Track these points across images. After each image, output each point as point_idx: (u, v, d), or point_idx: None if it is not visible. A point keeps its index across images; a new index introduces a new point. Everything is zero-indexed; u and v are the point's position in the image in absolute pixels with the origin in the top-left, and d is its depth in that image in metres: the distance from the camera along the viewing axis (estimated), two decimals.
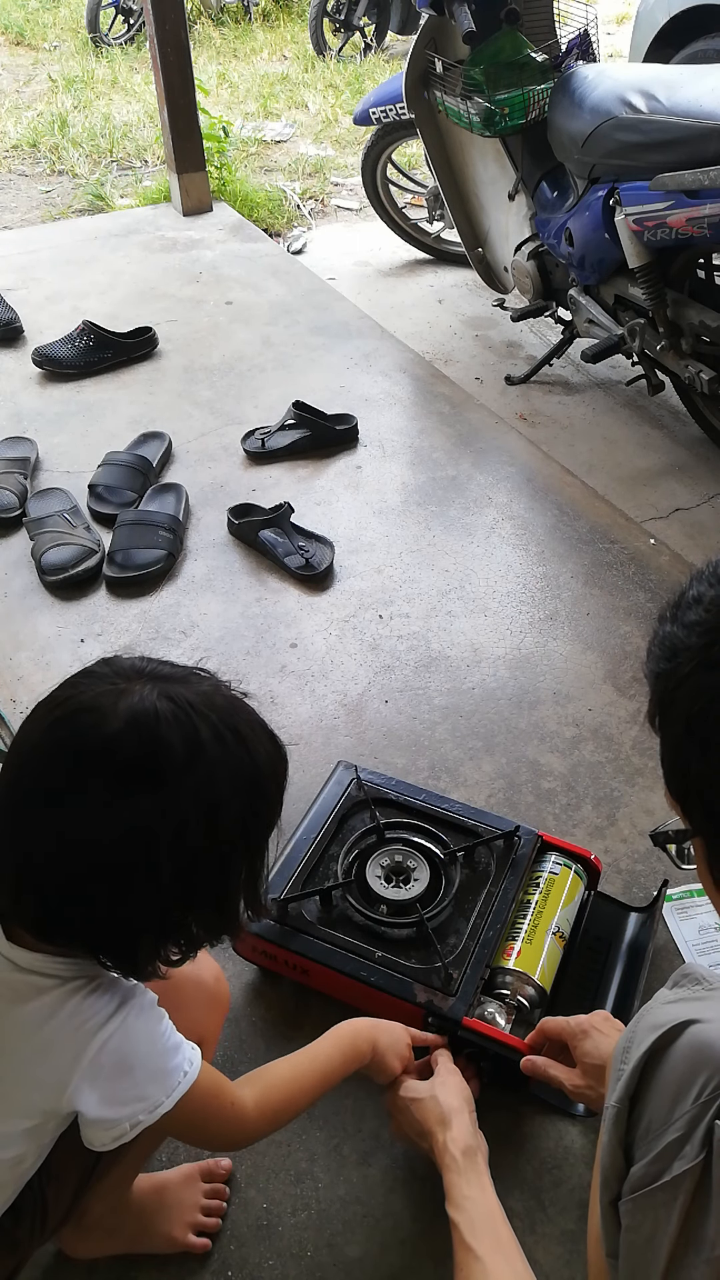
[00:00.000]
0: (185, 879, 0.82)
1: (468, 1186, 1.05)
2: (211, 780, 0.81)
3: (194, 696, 0.83)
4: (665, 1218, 0.69)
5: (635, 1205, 0.71)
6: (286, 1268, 1.15)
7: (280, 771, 0.91)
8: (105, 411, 2.70)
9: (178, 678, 0.85)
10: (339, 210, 4.31)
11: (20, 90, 5.79)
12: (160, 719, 0.79)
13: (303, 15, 6.68)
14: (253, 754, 0.85)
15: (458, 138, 2.79)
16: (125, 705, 0.79)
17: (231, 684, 0.91)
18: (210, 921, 0.89)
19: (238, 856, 0.87)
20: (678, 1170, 0.69)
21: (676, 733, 0.56)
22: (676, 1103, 0.72)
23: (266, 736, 0.90)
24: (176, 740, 0.79)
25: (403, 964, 1.29)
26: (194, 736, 0.80)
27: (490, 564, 2.18)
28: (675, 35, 3.08)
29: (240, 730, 0.85)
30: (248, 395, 2.76)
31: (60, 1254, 1.15)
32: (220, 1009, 1.14)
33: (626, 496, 2.46)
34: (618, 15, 6.35)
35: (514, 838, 1.43)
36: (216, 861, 0.84)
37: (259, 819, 0.88)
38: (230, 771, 0.83)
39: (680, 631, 0.55)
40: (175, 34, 3.40)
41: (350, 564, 2.18)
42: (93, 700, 0.80)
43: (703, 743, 0.54)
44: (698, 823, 0.59)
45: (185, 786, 0.80)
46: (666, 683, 0.56)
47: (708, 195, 2.01)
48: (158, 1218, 1.15)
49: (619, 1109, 0.75)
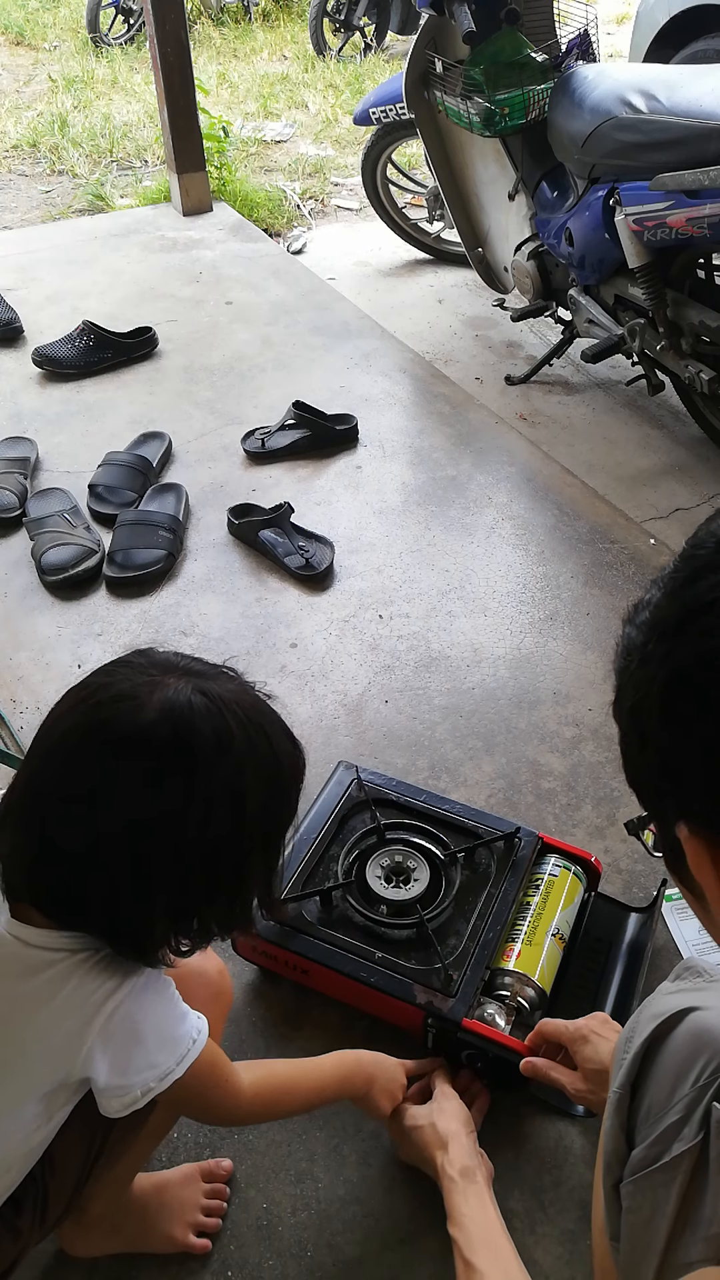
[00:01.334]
0: (207, 869, 0.84)
1: (466, 1205, 1.07)
2: (238, 773, 0.84)
3: (224, 692, 0.86)
4: (664, 1198, 0.70)
5: (635, 1187, 0.73)
6: (286, 1268, 1.15)
7: (299, 771, 0.94)
8: (105, 411, 2.70)
9: (209, 674, 0.88)
10: (339, 210, 4.31)
11: (20, 90, 5.79)
12: (194, 710, 0.82)
13: (303, 15, 6.68)
14: (276, 752, 0.88)
15: (458, 138, 2.79)
16: (160, 696, 0.82)
17: (256, 685, 0.94)
18: (224, 914, 0.91)
19: (257, 851, 0.89)
20: (676, 1151, 0.70)
21: (625, 724, 0.60)
22: (676, 1086, 0.73)
23: (287, 737, 0.92)
24: (208, 731, 0.82)
25: (403, 965, 1.29)
26: (224, 729, 0.83)
27: (490, 564, 2.18)
28: (675, 35, 3.08)
29: (265, 728, 0.88)
30: (248, 395, 2.76)
31: (60, 1253, 1.15)
32: (224, 1003, 1.15)
33: (626, 496, 2.46)
34: (618, 15, 6.35)
35: (514, 839, 1.43)
36: (237, 854, 0.86)
37: (279, 816, 0.91)
38: (255, 766, 0.85)
39: (632, 631, 0.58)
40: (175, 34, 3.40)
41: (350, 564, 2.18)
42: (130, 689, 0.83)
43: (640, 734, 0.57)
44: (648, 808, 0.62)
45: (214, 777, 0.82)
46: (620, 679, 0.60)
47: (708, 195, 2.01)
48: (158, 1217, 1.15)
49: (621, 1094, 0.77)
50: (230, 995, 1.17)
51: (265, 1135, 1.26)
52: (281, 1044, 1.35)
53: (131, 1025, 0.87)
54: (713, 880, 0.55)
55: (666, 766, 0.56)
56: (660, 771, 0.57)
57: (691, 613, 0.52)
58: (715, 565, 0.51)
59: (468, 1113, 1.18)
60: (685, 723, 0.53)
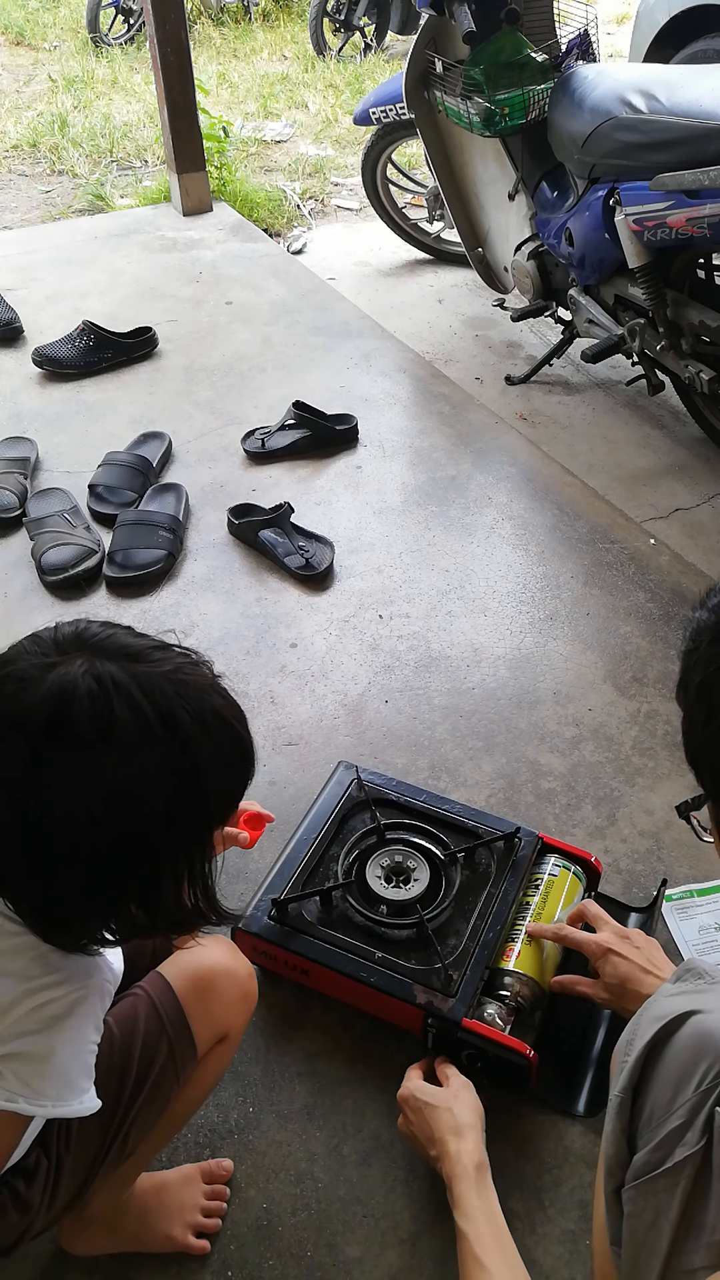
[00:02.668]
0: (105, 859, 0.79)
1: (479, 1199, 1.06)
2: (122, 765, 0.77)
3: (130, 677, 0.79)
4: (667, 1203, 0.70)
5: (638, 1192, 0.72)
6: (286, 1268, 1.15)
7: (234, 770, 0.87)
8: (105, 411, 2.70)
9: (131, 654, 0.81)
10: (339, 210, 4.31)
11: (20, 90, 5.79)
12: (75, 696, 0.77)
13: (303, 15, 6.68)
14: (186, 743, 0.80)
15: (458, 138, 2.79)
16: (52, 677, 0.78)
17: (214, 669, 0.87)
18: (146, 907, 0.85)
19: (163, 849, 0.83)
20: (679, 1156, 0.70)
21: (690, 702, 0.63)
22: (678, 1091, 0.73)
23: (224, 732, 0.84)
24: (85, 720, 0.76)
25: (403, 965, 1.29)
26: (107, 718, 0.77)
27: (490, 564, 2.18)
28: (675, 35, 3.09)
29: (176, 717, 0.80)
30: (248, 395, 2.76)
31: (60, 1253, 1.15)
32: (249, 1006, 1.14)
33: (626, 496, 2.46)
34: (618, 15, 6.35)
35: (514, 839, 1.43)
36: (138, 846, 0.81)
37: (190, 814, 0.83)
38: (150, 758, 0.79)
39: (703, 615, 0.62)
40: (175, 34, 3.40)
41: (350, 564, 2.18)
42: (24, 669, 0.79)
43: (709, 709, 0.60)
44: (707, 787, 0.64)
45: (88, 769, 0.77)
46: (688, 660, 0.63)
47: (708, 195, 2.01)
48: (157, 1217, 1.15)
49: (623, 1098, 0.76)
50: (255, 999, 1.16)
51: (265, 1135, 1.26)
52: (281, 1044, 1.35)
53: (50, 1029, 0.84)
54: None
55: None
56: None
57: None
58: None
59: (482, 1106, 1.18)
60: None
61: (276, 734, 1.80)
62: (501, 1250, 1.01)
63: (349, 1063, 1.33)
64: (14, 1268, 1.14)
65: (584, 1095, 1.28)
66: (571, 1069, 1.30)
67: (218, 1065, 1.13)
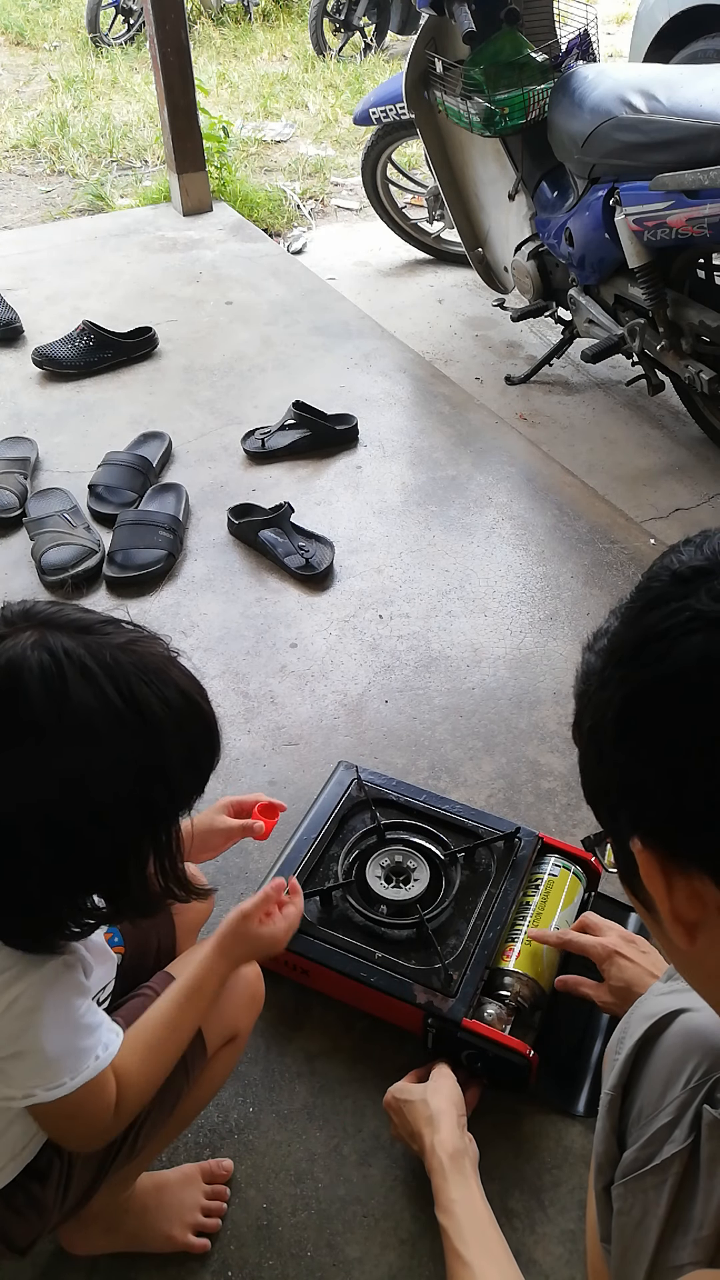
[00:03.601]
0: (53, 845, 0.76)
1: (455, 1190, 1.05)
2: (78, 742, 0.74)
3: (84, 650, 0.75)
4: (655, 1200, 0.70)
5: (626, 1189, 0.73)
6: (286, 1268, 1.15)
7: (197, 747, 0.83)
8: (105, 411, 2.70)
9: (81, 626, 0.78)
10: (339, 210, 4.31)
11: (20, 90, 5.79)
12: (25, 670, 0.73)
13: (303, 15, 6.68)
14: (146, 718, 0.77)
15: (458, 138, 2.79)
16: (1, 651, 0.75)
17: (168, 642, 0.84)
18: (113, 895, 0.83)
19: (125, 828, 0.79)
20: (667, 1154, 0.71)
21: (584, 744, 0.64)
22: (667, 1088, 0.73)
23: (184, 706, 0.80)
24: (38, 695, 0.73)
25: (403, 965, 1.29)
26: (61, 692, 0.73)
27: (490, 564, 2.18)
28: (675, 35, 3.08)
29: (135, 691, 0.76)
30: (248, 395, 2.76)
31: (60, 1252, 1.15)
32: (257, 1006, 1.14)
33: (626, 496, 2.46)
34: (618, 15, 6.35)
35: (514, 839, 1.44)
36: (92, 831, 0.77)
37: (154, 791, 0.79)
38: (108, 735, 0.75)
39: (591, 658, 0.63)
40: (175, 34, 3.40)
41: (350, 564, 2.18)
42: None
43: (598, 753, 0.62)
44: (606, 825, 0.65)
45: (44, 746, 0.73)
46: (580, 702, 0.64)
47: (708, 195, 2.01)
48: (157, 1217, 1.15)
49: (613, 1096, 0.77)
50: (262, 1000, 1.15)
51: (265, 1135, 1.26)
52: (281, 1044, 1.35)
53: (28, 1023, 0.81)
54: (662, 891, 0.57)
55: (621, 783, 0.59)
56: (616, 788, 0.60)
57: (646, 640, 0.55)
58: (667, 597, 0.55)
59: (460, 1095, 1.18)
60: (639, 741, 0.56)
61: (276, 734, 1.80)
62: (482, 1241, 1.00)
63: (349, 1063, 1.33)
64: (14, 1267, 1.14)
65: (584, 1095, 1.28)
66: (571, 1069, 1.30)
67: (225, 1066, 1.13)
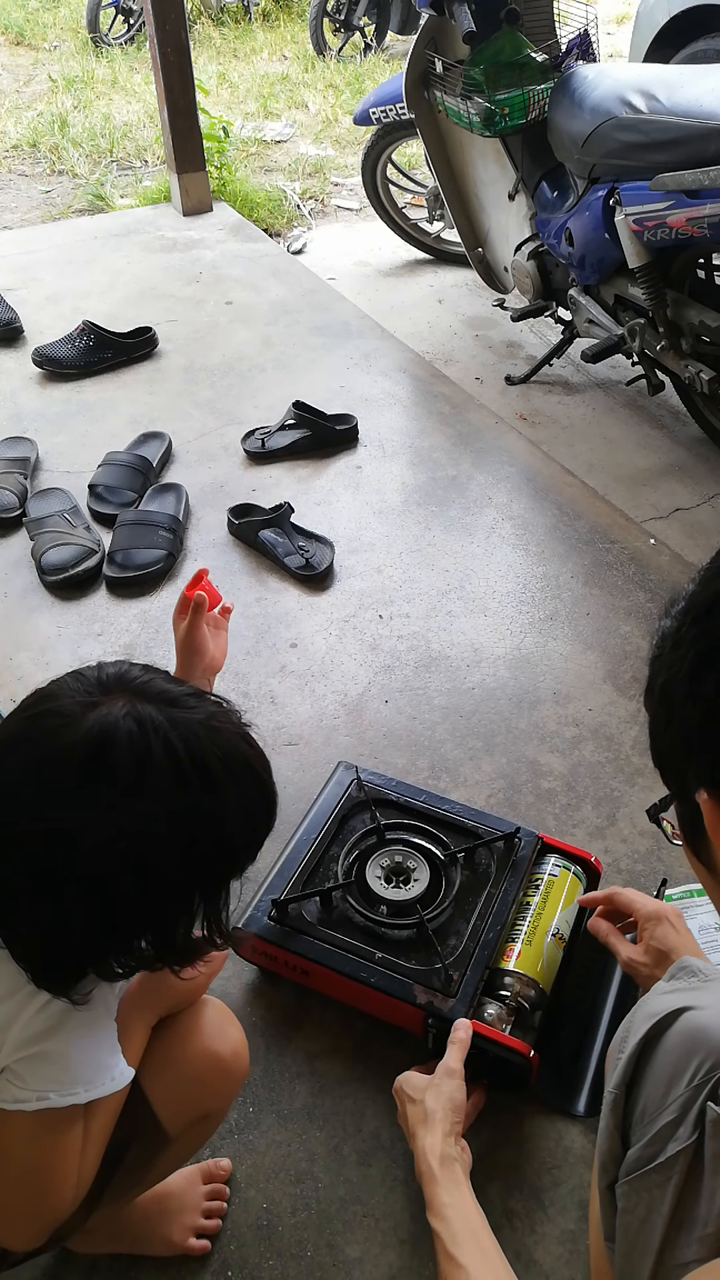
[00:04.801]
0: (109, 901, 0.79)
1: (447, 1195, 1.03)
2: (150, 811, 0.78)
3: (169, 722, 0.80)
4: (660, 1199, 0.70)
5: (631, 1188, 0.73)
6: (286, 1268, 1.15)
7: (257, 819, 0.88)
8: (105, 411, 2.70)
9: (167, 698, 0.83)
10: (339, 210, 4.31)
11: (20, 90, 5.79)
12: (116, 738, 0.78)
13: (303, 15, 6.68)
14: (217, 793, 0.82)
15: (458, 138, 2.79)
16: (94, 717, 0.79)
17: (244, 720, 0.89)
18: (163, 947, 0.86)
19: (184, 886, 0.83)
20: (671, 1151, 0.71)
21: (655, 706, 0.65)
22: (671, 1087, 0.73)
23: (251, 781, 0.87)
24: (124, 761, 0.78)
25: (403, 965, 1.29)
26: (144, 760, 0.78)
27: (490, 564, 2.18)
28: (675, 35, 3.08)
29: (210, 766, 0.81)
30: (248, 395, 2.76)
31: (60, 1253, 1.15)
32: (232, 1084, 1.08)
33: (626, 496, 2.46)
34: (618, 15, 6.36)
35: (514, 839, 1.44)
36: (153, 886, 0.81)
37: (212, 862, 0.84)
38: (178, 806, 0.80)
39: (667, 621, 0.65)
40: (175, 34, 3.40)
41: (350, 564, 2.18)
42: (66, 705, 0.80)
43: (669, 712, 0.63)
44: (672, 789, 0.66)
45: (120, 809, 0.78)
46: (653, 666, 0.65)
47: (708, 195, 2.01)
48: (158, 1221, 1.15)
49: (616, 1095, 0.77)
50: (243, 1074, 1.08)
51: (265, 1135, 1.26)
52: (281, 1044, 1.35)
53: (59, 1024, 0.84)
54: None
55: (690, 738, 0.61)
56: (684, 744, 0.62)
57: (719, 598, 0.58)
58: None
59: (462, 1098, 1.14)
60: (710, 696, 0.58)
61: (276, 734, 1.80)
62: (476, 1244, 0.99)
63: (349, 1063, 1.33)
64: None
65: (584, 1095, 1.28)
66: (572, 1069, 1.30)
67: (199, 1137, 1.10)
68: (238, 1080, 1.08)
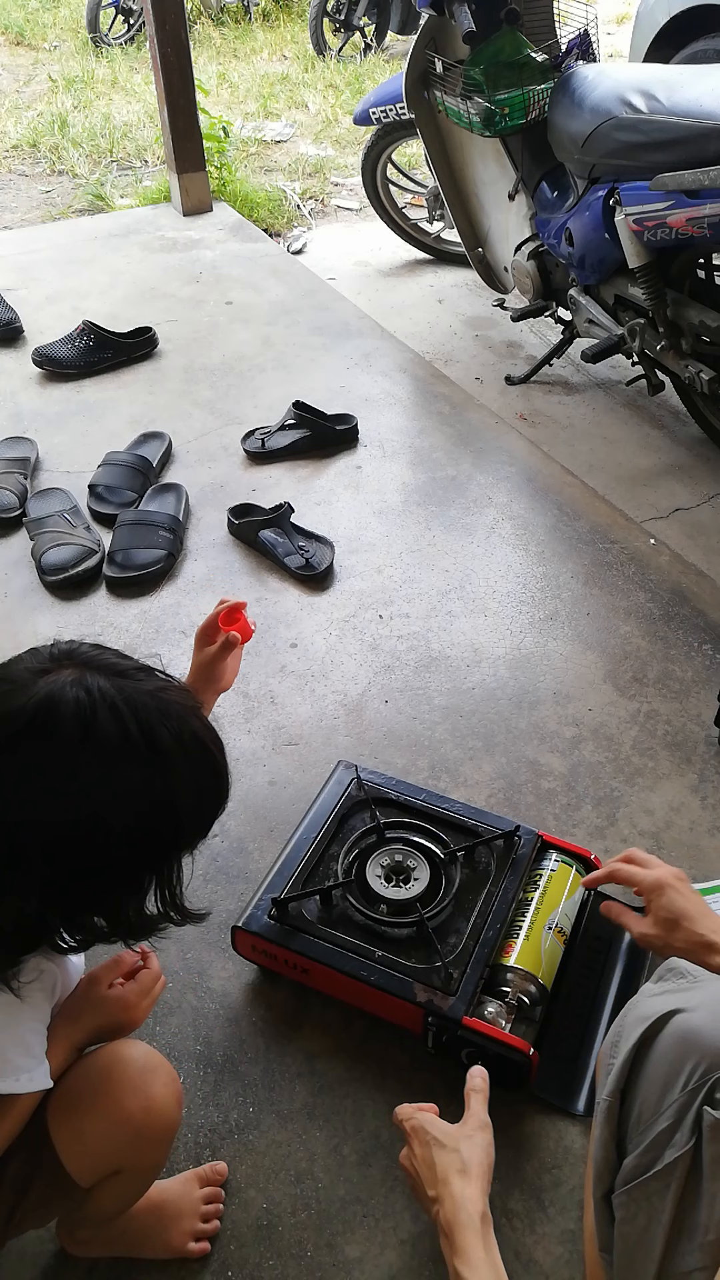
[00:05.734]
0: (58, 864, 0.80)
1: (485, 1251, 0.95)
2: (98, 772, 0.79)
3: (118, 693, 0.81)
4: (659, 1207, 0.70)
5: (629, 1196, 0.72)
6: (286, 1268, 1.15)
7: (206, 793, 0.88)
8: (105, 411, 2.70)
9: (117, 671, 0.84)
10: (339, 210, 4.31)
11: (20, 90, 5.79)
12: (61, 704, 0.79)
13: (303, 15, 6.68)
14: (164, 763, 0.82)
15: (458, 138, 2.79)
16: (42, 684, 0.80)
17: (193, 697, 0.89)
18: (113, 919, 0.86)
19: (127, 864, 0.83)
20: (669, 1158, 0.70)
21: None
22: (666, 1092, 0.73)
23: (200, 753, 0.86)
24: (71, 731, 0.79)
25: (403, 963, 1.29)
26: (89, 725, 0.79)
27: (490, 564, 2.18)
28: (675, 35, 3.08)
29: (155, 733, 0.81)
30: (248, 395, 2.76)
31: (60, 1253, 1.15)
32: (146, 1144, 0.97)
33: (626, 496, 2.46)
34: (618, 15, 6.36)
35: (514, 837, 1.44)
36: (99, 855, 0.81)
37: (162, 832, 0.84)
38: (127, 775, 0.80)
39: None
40: (175, 34, 3.40)
41: (350, 564, 2.18)
42: (17, 674, 0.82)
43: None
44: None
45: (64, 771, 0.78)
46: None
47: (708, 195, 2.01)
48: (157, 1225, 1.14)
49: (610, 1102, 0.76)
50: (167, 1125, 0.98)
51: (265, 1135, 1.26)
52: (281, 1044, 1.35)
53: None
54: None
55: None
56: None
57: None
58: None
59: (493, 1155, 1.05)
60: None
61: (276, 734, 1.80)
62: None
63: (349, 1063, 1.33)
64: (14, 1267, 1.14)
65: (584, 1095, 1.28)
66: (571, 1068, 1.30)
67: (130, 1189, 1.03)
68: (155, 1140, 0.98)
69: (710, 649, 1.96)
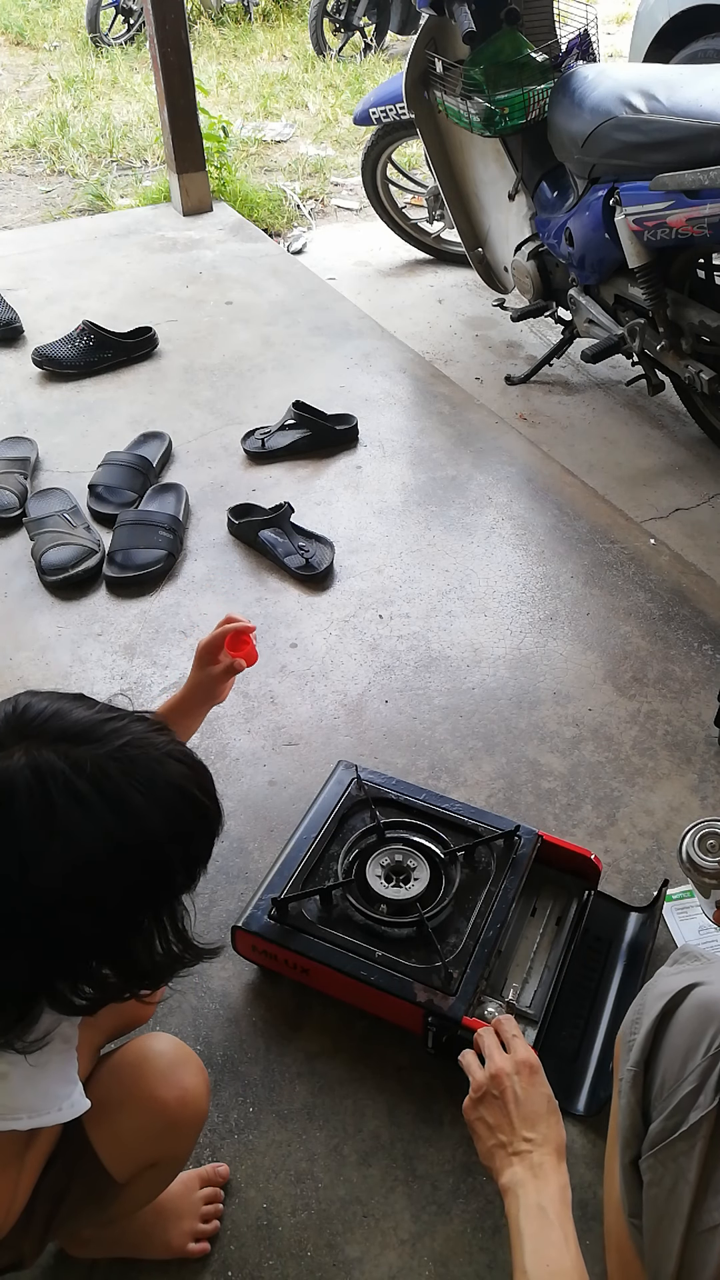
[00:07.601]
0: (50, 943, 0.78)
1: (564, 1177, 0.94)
2: (67, 852, 0.76)
3: (72, 767, 0.77)
4: (686, 1166, 0.72)
5: (656, 1159, 0.74)
6: (286, 1268, 1.15)
7: (190, 834, 0.84)
8: (105, 411, 2.70)
9: (73, 735, 0.80)
10: (339, 210, 4.31)
11: (20, 90, 5.79)
12: (15, 792, 0.76)
13: (303, 15, 6.68)
14: (138, 824, 0.79)
15: (458, 138, 2.79)
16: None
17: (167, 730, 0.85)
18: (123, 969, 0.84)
19: (119, 923, 0.82)
20: (694, 1119, 0.73)
21: None
22: (688, 1059, 0.75)
23: (179, 801, 0.82)
24: (27, 815, 0.75)
25: (403, 963, 1.29)
26: (48, 816, 0.76)
27: (490, 564, 2.18)
28: (675, 35, 3.08)
29: (125, 800, 0.78)
30: (248, 395, 2.76)
31: (60, 1253, 1.15)
32: (182, 1134, 1.01)
33: (626, 496, 2.46)
34: (618, 15, 6.36)
35: (514, 837, 1.44)
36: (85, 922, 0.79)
37: (149, 883, 0.82)
38: (96, 847, 0.77)
39: None
40: (175, 34, 3.40)
41: (350, 564, 2.18)
42: None
43: None
44: None
45: (33, 857, 0.76)
46: None
47: (708, 195, 2.01)
48: (157, 1228, 1.15)
49: (635, 1072, 0.78)
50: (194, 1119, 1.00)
51: (265, 1135, 1.26)
52: (281, 1044, 1.35)
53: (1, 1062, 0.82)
54: None
55: None
56: None
57: None
58: None
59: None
60: None
61: (276, 734, 1.80)
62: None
63: (349, 1063, 1.33)
64: None
65: (584, 1095, 1.28)
66: (571, 1069, 1.30)
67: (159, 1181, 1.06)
68: (189, 1129, 1.01)
69: (710, 649, 1.96)
